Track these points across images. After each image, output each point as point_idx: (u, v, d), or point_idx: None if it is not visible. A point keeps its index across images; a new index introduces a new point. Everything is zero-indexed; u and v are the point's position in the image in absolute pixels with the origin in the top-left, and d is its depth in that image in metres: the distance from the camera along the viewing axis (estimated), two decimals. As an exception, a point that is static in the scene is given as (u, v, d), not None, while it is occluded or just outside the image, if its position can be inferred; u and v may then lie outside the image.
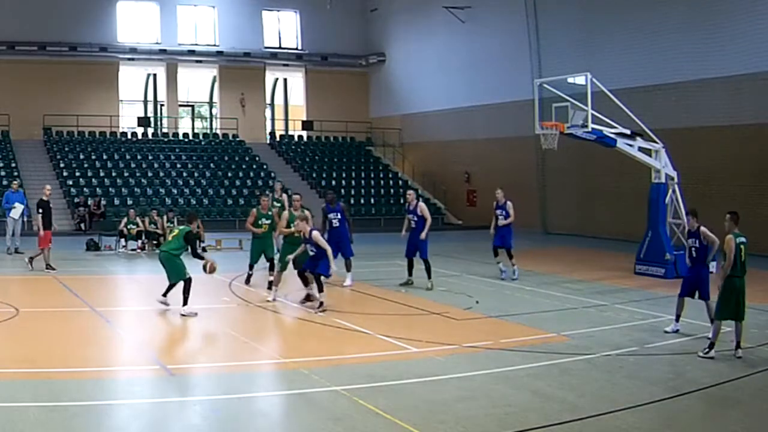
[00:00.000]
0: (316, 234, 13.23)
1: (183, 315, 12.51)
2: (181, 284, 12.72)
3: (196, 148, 36.93)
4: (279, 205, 17.29)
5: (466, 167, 34.69)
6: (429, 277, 15.74)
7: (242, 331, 11.90)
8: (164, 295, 12.99)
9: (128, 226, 22.56)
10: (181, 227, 13.31)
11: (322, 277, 13.10)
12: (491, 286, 16.19)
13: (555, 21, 29.68)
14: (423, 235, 15.71)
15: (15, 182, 22.55)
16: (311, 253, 13.23)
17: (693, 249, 11.54)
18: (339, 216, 16.32)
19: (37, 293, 14.90)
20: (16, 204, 20.82)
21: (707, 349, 10.17)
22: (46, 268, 17.58)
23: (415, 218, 15.95)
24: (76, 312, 13.01)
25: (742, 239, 10.25)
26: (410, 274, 16.19)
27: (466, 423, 7.49)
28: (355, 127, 40.25)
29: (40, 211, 18.37)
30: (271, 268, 14.91)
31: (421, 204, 16.28)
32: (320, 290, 13.13)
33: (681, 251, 18.38)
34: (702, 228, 11.34)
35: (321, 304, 13.08)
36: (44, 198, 18.69)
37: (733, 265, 10.12)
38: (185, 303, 12.61)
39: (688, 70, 23.95)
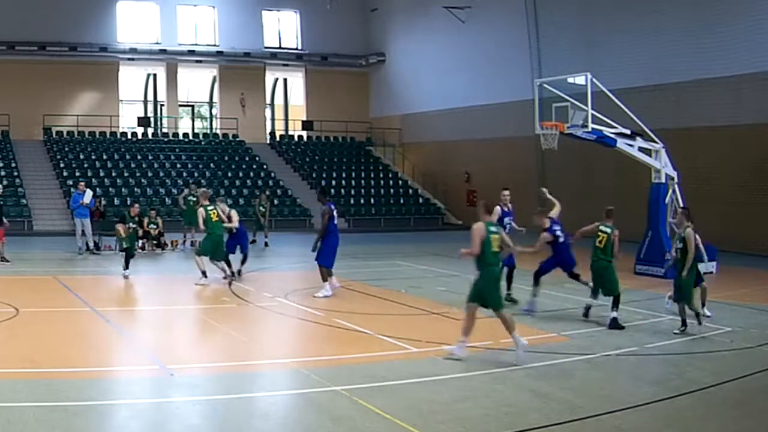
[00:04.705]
0: None
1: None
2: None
3: (196, 148, 36.93)
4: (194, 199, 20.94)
5: (466, 167, 34.69)
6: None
7: (242, 331, 11.89)
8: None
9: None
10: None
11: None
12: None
13: (555, 21, 29.67)
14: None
15: (81, 182, 23.13)
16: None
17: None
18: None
19: (37, 293, 14.87)
20: (87, 191, 21.69)
21: None
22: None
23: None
24: (76, 312, 13.00)
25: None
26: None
27: (466, 423, 7.48)
28: (355, 127, 40.23)
29: None
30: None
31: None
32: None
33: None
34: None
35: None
36: None
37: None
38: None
39: (688, 70, 23.94)
